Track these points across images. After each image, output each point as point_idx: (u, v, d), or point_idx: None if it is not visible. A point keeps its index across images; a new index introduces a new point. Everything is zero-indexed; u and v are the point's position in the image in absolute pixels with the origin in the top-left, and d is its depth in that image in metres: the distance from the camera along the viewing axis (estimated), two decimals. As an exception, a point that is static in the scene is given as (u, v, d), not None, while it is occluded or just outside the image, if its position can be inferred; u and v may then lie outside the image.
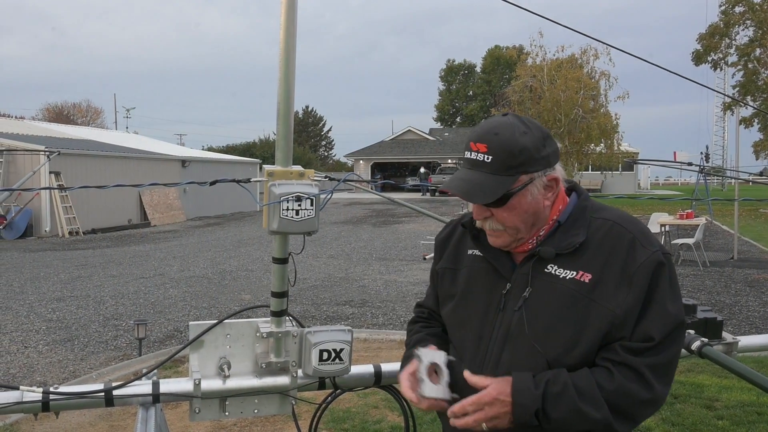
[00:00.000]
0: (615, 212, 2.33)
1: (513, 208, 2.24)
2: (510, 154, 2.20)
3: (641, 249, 2.19)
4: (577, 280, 2.20)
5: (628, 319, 2.15)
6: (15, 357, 10.08)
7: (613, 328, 2.16)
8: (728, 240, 23.51)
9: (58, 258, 21.77)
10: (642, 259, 2.17)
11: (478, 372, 2.28)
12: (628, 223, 2.27)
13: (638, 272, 2.16)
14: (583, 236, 2.25)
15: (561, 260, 2.25)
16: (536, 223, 2.30)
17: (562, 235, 2.28)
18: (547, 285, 2.24)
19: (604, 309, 2.16)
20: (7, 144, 29.60)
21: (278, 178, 2.43)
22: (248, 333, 2.82)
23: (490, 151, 2.22)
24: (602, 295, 2.17)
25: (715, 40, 45.82)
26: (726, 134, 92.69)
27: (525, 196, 2.23)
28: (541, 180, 2.25)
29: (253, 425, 7.03)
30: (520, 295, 2.28)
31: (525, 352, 2.24)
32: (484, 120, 2.41)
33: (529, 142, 2.21)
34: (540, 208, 2.27)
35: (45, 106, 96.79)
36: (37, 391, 2.61)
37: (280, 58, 2.32)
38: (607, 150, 47.22)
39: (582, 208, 2.34)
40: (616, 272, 2.17)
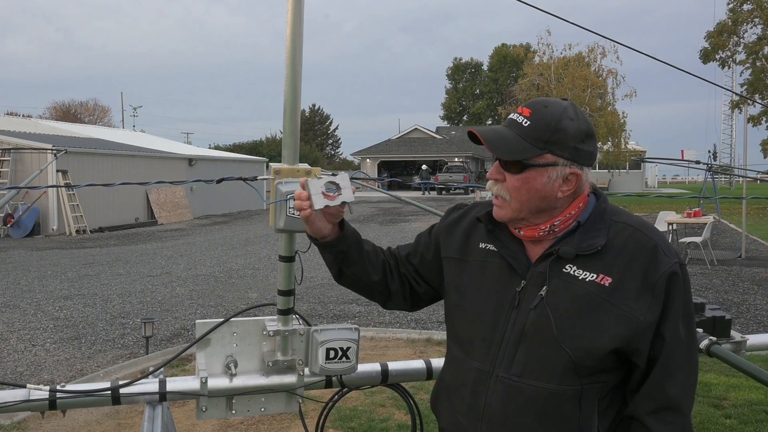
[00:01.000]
0: (634, 218, 2.31)
1: (526, 180, 2.21)
2: (547, 127, 2.19)
3: (664, 258, 2.17)
4: (597, 282, 2.17)
5: (649, 328, 2.14)
6: (22, 355, 10.09)
7: (635, 335, 2.14)
8: (736, 238, 23.46)
9: (65, 256, 21.80)
10: (665, 268, 2.16)
11: (489, 368, 2.27)
12: (649, 231, 2.25)
13: (660, 281, 2.14)
14: (603, 239, 2.22)
15: (580, 261, 2.22)
16: (545, 211, 2.26)
17: (582, 236, 2.25)
18: (566, 285, 2.21)
19: (627, 314, 2.14)
20: (15, 143, 29.63)
21: (285, 176, 2.42)
22: (255, 331, 2.82)
23: (531, 117, 2.21)
24: (623, 300, 2.14)
25: (723, 37, 45.65)
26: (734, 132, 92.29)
27: (542, 174, 2.21)
28: (564, 169, 2.21)
29: (260, 423, 7.03)
30: (536, 293, 2.23)
31: (543, 351, 2.20)
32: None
33: (570, 127, 2.20)
34: (551, 195, 2.23)
35: (52, 105, 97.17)
36: (44, 390, 2.62)
37: (286, 56, 2.32)
38: (614, 148, 47.16)
39: (601, 210, 2.31)
40: (637, 279, 2.15)
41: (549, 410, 2.19)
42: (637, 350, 2.16)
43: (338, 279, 2.57)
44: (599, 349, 2.15)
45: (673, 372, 2.16)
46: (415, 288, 2.63)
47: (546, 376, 2.19)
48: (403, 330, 11.00)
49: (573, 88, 43.66)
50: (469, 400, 2.34)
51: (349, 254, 2.46)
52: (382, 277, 2.57)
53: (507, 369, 2.25)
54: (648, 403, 2.17)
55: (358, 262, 2.50)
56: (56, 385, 2.65)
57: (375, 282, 2.56)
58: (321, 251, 2.46)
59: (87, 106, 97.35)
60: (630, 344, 2.15)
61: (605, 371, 2.20)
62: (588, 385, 2.19)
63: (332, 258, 2.47)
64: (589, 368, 2.17)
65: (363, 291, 2.62)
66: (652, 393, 2.17)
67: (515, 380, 2.22)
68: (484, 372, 2.30)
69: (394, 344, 10.35)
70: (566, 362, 2.17)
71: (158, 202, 36.28)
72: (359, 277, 2.54)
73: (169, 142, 52.00)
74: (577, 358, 2.15)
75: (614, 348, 2.15)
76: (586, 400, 2.19)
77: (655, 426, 2.15)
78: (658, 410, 2.16)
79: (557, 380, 2.18)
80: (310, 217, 2.28)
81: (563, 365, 2.17)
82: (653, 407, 2.16)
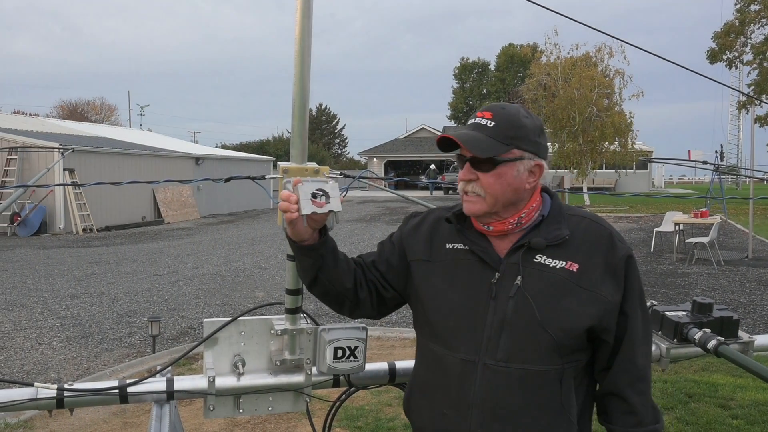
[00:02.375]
0: (585, 212, 2.56)
1: (499, 176, 2.38)
2: (511, 125, 2.38)
3: (620, 244, 2.44)
4: (567, 269, 2.38)
5: (616, 308, 2.39)
6: (29, 354, 10.11)
7: (605, 314, 2.37)
8: (743, 239, 23.44)
9: (72, 255, 21.84)
10: (622, 252, 2.42)
11: (474, 358, 2.40)
12: (602, 222, 2.51)
13: (620, 264, 2.40)
14: (567, 230, 2.44)
15: (549, 251, 2.41)
16: (514, 204, 2.44)
17: (547, 228, 2.45)
18: (539, 273, 2.39)
19: (596, 295, 2.36)
20: (22, 141, 29.69)
21: (293, 174, 2.42)
22: (262, 330, 2.82)
23: (494, 119, 2.40)
24: (590, 283, 2.37)
25: (730, 38, 45.53)
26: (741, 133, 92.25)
27: (512, 169, 2.39)
28: (530, 162, 2.41)
29: (267, 422, 7.03)
30: (512, 283, 2.38)
31: (527, 336, 2.35)
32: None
33: (529, 124, 2.41)
34: (521, 187, 2.42)
35: (59, 104, 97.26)
36: (51, 388, 2.61)
37: (295, 55, 2.32)
38: (621, 148, 47.04)
39: (558, 205, 2.53)
40: (599, 264, 2.39)
41: (535, 391, 2.36)
42: (606, 329, 2.39)
43: (311, 286, 2.58)
44: (578, 329, 2.35)
45: (637, 345, 2.42)
46: (383, 294, 2.67)
47: (531, 358, 2.35)
48: (410, 329, 10.97)
49: (580, 88, 43.48)
50: (457, 392, 2.43)
51: (326, 260, 2.48)
52: (353, 285, 2.59)
53: (492, 356, 2.38)
54: (624, 377, 2.42)
55: (333, 268, 2.51)
56: (63, 383, 2.65)
57: (347, 289, 2.58)
58: (298, 255, 2.48)
59: (94, 104, 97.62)
60: (601, 323, 2.37)
61: (580, 350, 2.41)
62: (567, 363, 2.38)
63: (310, 263, 2.47)
64: (569, 347, 2.36)
65: (333, 300, 2.63)
66: (626, 366, 2.42)
67: (502, 366, 2.36)
68: (469, 362, 2.41)
69: (400, 343, 10.36)
70: (549, 343, 2.34)
71: (165, 201, 36.33)
72: (333, 285, 2.55)
73: (176, 141, 52.05)
74: (559, 339, 2.33)
75: (588, 327, 2.36)
76: (565, 379, 2.38)
77: (631, 396, 2.41)
78: (633, 382, 2.42)
79: (541, 361, 2.35)
80: (296, 220, 2.30)
81: (546, 346, 2.34)
82: (628, 379, 2.42)
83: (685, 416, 7.02)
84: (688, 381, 8.18)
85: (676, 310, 3.19)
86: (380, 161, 73.57)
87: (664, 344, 3.10)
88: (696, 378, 8.30)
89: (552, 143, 46.04)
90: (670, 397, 7.59)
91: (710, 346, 2.91)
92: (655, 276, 16.19)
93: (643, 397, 2.41)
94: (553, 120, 44.68)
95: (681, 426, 6.80)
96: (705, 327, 3.04)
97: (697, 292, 14.29)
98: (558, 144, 45.58)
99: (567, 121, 43.94)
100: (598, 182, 59.71)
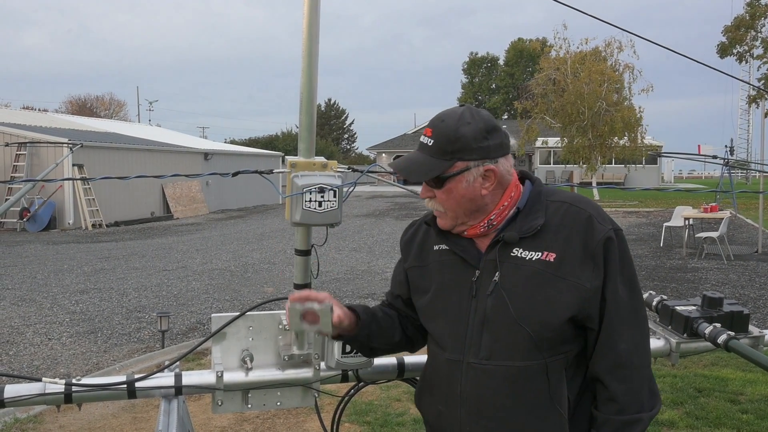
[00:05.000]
0: (568, 194, 2.48)
1: (450, 191, 2.40)
2: (447, 140, 2.36)
3: (599, 226, 2.35)
4: (543, 260, 2.34)
5: (596, 293, 2.32)
6: (38, 349, 10.13)
7: (584, 301, 2.32)
8: (752, 233, 23.37)
9: (81, 250, 21.88)
10: (600, 235, 2.33)
11: (460, 357, 2.43)
12: (582, 203, 2.43)
13: (598, 247, 2.32)
14: (542, 219, 2.39)
15: (525, 243, 2.38)
16: (479, 210, 2.44)
17: (522, 220, 2.41)
18: (515, 267, 2.37)
19: (574, 283, 2.31)
20: (31, 136, 29.72)
21: (301, 169, 2.42)
22: (271, 325, 2.82)
23: (433, 136, 2.40)
24: (569, 272, 2.32)
25: (740, 32, 45.36)
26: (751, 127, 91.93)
27: (460, 181, 2.38)
28: (478, 170, 2.38)
29: (276, 417, 7.03)
30: (490, 280, 2.39)
31: (505, 332, 2.36)
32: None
33: (468, 132, 2.35)
34: (477, 195, 2.40)
35: (68, 99, 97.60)
36: (60, 383, 2.61)
37: (303, 49, 2.32)
38: (630, 143, 46.93)
39: (537, 193, 2.48)
40: (578, 249, 2.33)
41: (520, 386, 2.36)
42: (589, 316, 2.34)
43: (370, 355, 2.83)
44: (555, 321, 2.32)
45: (618, 330, 2.35)
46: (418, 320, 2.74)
47: (511, 355, 2.36)
48: (418, 324, 10.97)
49: (589, 83, 43.39)
50: (447, 390, 2.49)
51: (371, 337, 2.64)
52: (401, 331, 2.74)
53: (476, 355, 2.41)
54: (601, 362, 2.37)
55: (379, 335, 2.66)
56: (72, 378, 2.65)
57: (398, 340, 2.74)
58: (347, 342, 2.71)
59: (103, 100, 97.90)
60: (582, 311, 2.33)
61: (565, 342, 2.37)
62: (551, 357, 2.35)
63: (359, 345, 2.69)
64: (549, 340, 2.34)
65: (394, 351, 2.82)
66: (604, 352, 2.36)
67: (485, 364, 2.39)
68: (455, 361, 2.46)
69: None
70: (527, 339, 2.33)
71: (174, 197, 36.39)
72: (386, 344, 2.72)
73: (184, 136, 52.12)
74: (536, 333, 2.32)
75: (568, 317, 2.32)
76: (553, 372, 2.36)
77: (611, 383, 2.35)
78: (612, 368, 2.35)
79: (522, 357, 2.35)
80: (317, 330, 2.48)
81: (525, 342, 2.33)
82: (607, 365, 2.36)
83: (695, 411, 7.01)
84: (698, 376, 8.17)
85: (686, 305, 3.17)
86: (389, 156, 73.48)
87: (674, 339, 3.09)
88: (706, 373, 8.28)
89: (561, 138, 46.05)
90: (679, 392, 7.57)
91: (720, 341, 2.89)
92: (665, 271, 16.13)
93: (625, 384, 2.34)
94: (562, 115, 44.64)
95: (690, 420, 6.78)
96: (715, 322, 3.02)
97: (706, 286, 14.25)
98: (567, 139, 45.53)
99: (576, 115, 43.86)
100: (607, 177, 59.55)
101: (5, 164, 29.70)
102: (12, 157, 29.44)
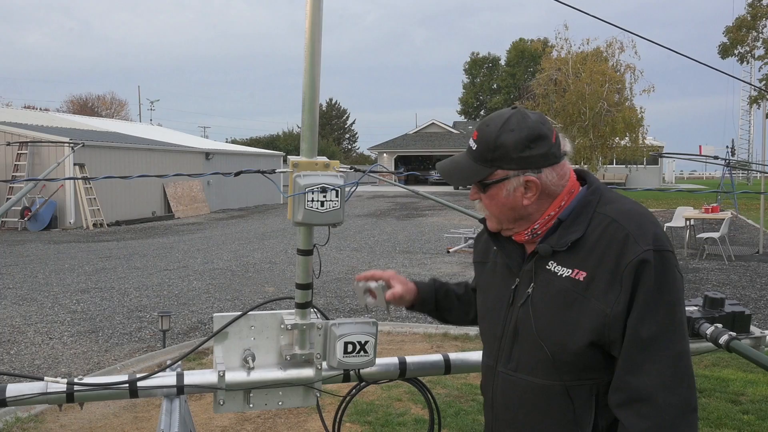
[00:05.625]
0: (618, 207, 2.31)
1: (492, 197, 2.36)
2: (488, 147, 2.31)
3: (634, 246, 2.16)
4: (573, 278, 2.23)
5: (618, 320, 2.15)
6: (40, 348, 10.14)
7: (605, 328, 2.16)
8: (753, 234, 23.38)
9: (82, 250, 21.89)
10: (632, 257, 2.14)
11: (493, 363, 2.48)
12: (625, 219, 2.23)
13: (628, 270, 2.14)
14: (579, 234, 2.27)
15: (559, 257, 2.29)
16: (522, 218, 2.37)
17: (562, 232, 2.31)
18: (548, 282, 2.30)
19: (597, 308, 2.17)
20: (32, 136, 29.76)
21: (303, 169, 2.41)
22: (273, 325, 2.81)
23: (477, 140, 2.35)
24: (595, 294, 2.18)
25: (742, 33, 45.39)
26: (752, 128, 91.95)
27: (501, 189, 2.32)
28: (518, 179, 2.29)
29: (277, 417, 7.04)
30: (525, 291, 2.36)
31: (529, 347, 2.33)
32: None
33: (509, 140, 2.27)
34: (518, 205, 2.33)
35: (69, 99, 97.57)
36: (61, 382, 2.61)
37: (305, 48, 2.31)
38: (631, 144, 46.89)
39: (585, 203, 2.34)
40: (608, 271, 2.18)
41: (540, 404, 2.31)
42: (612, 343, 2.18)
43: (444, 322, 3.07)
44: (573, 344, 2.21)
45: (639, 363, 2.15)
46: None
47: (533, 370, 2.32)
48: (419, 324, 10.99)
49: (591, 83, 43.34)
50: (485, 390, 2.56)
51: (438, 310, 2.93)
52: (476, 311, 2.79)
53: (506, 364, 2.41)
54: (616, 395, 2.20)
55: (449, 310, 2.93)
56: (73, 377, 2.65)
57: (473, 318, 2.86)
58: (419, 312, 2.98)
59: (104, 99, 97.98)
60: (603, 337, 2.18)
61: (589, 368, 2.24)
62: (574, 381, 2.26)
63: (427, 312, 2.96)
64: (569, 364, 2.24)
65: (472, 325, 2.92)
66: (618, 384, 2.19)
67: (512, 375, 2.39)
68: (490, 367, 2.50)
69: (410, 339, 10.36)
70: (545, 357, 2.27)
71: (175, 196, 36.39)
72: (460, 320, 2.96)
73: (186, 135, 52.15)
74: (553, 353, 2.25)
75: (587, 342, 2.20)
76: (578, 396, 2.25)
77: (625, 418, 2.16)
78: (629, 402, 2.16)
79: (542, 375, 2.30)
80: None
81: (544, 360, 2.28)
82: (621, 399, 2.18)
83: (696, 412, 7.00)
84: (699, 376, 8.16)
85: (688, 305, 3.16)
86: (390, 156, 73.53)
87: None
88: (707, 373, 8.27)
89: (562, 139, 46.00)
90: (680, 393, 7.56)
91: (722, 341, 2.88)
92: (666, 271, 16.07)
93: (644, 421, 2.12)
94: (563, 115, 44.56)
95: (692, 422, 6.77)
96: (716, 322, 3.02)
97: (708, 287, 14.25)
98: (568, 139, 45.49)
99: (577, 116, 43.81)
100: (608, 177, 59.53)
101: (6, 163, 29.70)
102: (13, 156, 29.45)
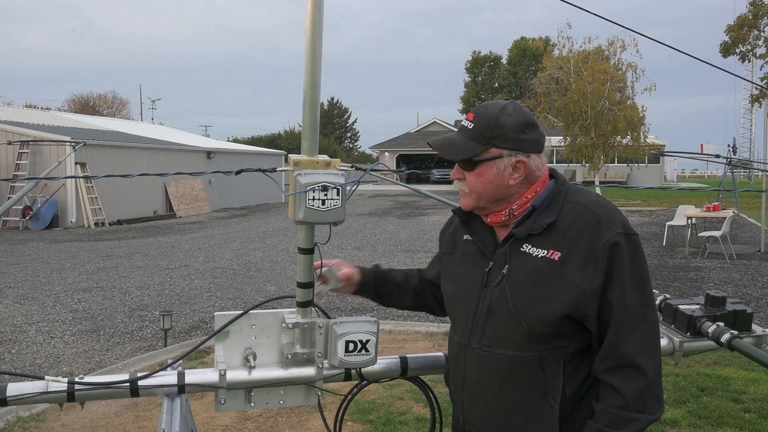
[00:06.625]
0: (590, 197, 2.55)
1: (480, 174, 2.53)
2: (487, 125, 2.50)
3: (607, 230, 2.40)
4: (548, 258, 2.44)
5: (593, 295, 2.37)
6: (41, 347, 10.14)
7: (580, 302, 2.37)
8: (755, 233, 23.36)
9: (83, 249, 21.90)
10: (606, 239, 2.38)
11: (466, 341, 2.63)
12: (597, 206, 2.48)
13: (602, 251, 2.37)
14: (552, 218, 2.48)
15: (534, 240, 2.49)
16: (503, 199, 2.56)
17: (536, 218, 2.51)
18: (523, 262, 2.49)
19: (573, 284, 2.38)
20: (34, 135, 29.81)
21: (304, 167, 2.41)
22: (274, 324, 2.81)
23: (474, 120, 2.54)
24: (570, 272, 2.39)
25: (743, 31, 45.32)
26: (753, 126, 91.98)
27: (492, 167, 2.51)
28: (510, 159, 2.50)
29: (279, 416, 7.03)
30: (500, 272, 2.53)
31: (505, 323, 2.49)
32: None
33: (508, 122, 2.49)
34: (504, 184, 2.52)
35: (71, 98, 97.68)
36: (62, 381, 2.61)
37: (306, 47, 2.31)
38: (633, 142, 46.82)
39: (557, 192, 2.56)
40: (583, 251, 2.39)
41: (514, 375, 2.49)
42: (586, 316, 2.40)
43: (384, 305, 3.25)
44: (549, 317, 2.41)
45: (625, 333, 2.38)
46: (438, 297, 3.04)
47: (508, 345, 2.49)
48: (421, 323, 10.99)
49: (592, 82, 43.25)
50: (455, 371, 2.71)
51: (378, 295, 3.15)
52: (414, 299, 3.15)
53: (479, 341, 2.58)
54: (604, 363, 2.41)
55: (386, 296, 3.15)
56: (74, 377, 2.64)
57: (410, 304, 3.17)
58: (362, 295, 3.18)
59: (105, 98, 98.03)
60: (578, 311, 2.39)
61: (562, 337, 2.45)
62: (546, 351, 2.45)
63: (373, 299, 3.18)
64: (545, 335, 2.44)
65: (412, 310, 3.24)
66: (607, 353, 2.40)
67: (485, 350, 2.55)
68: (462, 345, 2.65)
69: (412, 337, 10.35)
70: (523, 332, 2.45)
71: (177, 195, 36.41)
72: (396, 305, 3.21)
73: (187, 134, 52.16)
74: (531, 327, 2.43)
75: (563, 315, 2.40)
76: (548, 365, 2.45)
77: (616, 381, 2.37)
78: (616, 368, 2.38)
79: (517, 348, 2.47)
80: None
81: (521, 334, 2.46)
82: (609, 365, 2.39)
83: (698, 410, 7.00)
84: (701, 375, 8.16)
85: (689, 304, 3.16)
86: (392, 155, 73.50)
87: (677, 338, 3.08)
88: (708, 372, 8.27)
89: (564, 137, 45.95)
90: (682, 391, 7.57)
91: (724, 340, 2.88)
92: (668, 270, 16.11)
93: (632, 383, 2.35)
94: (565, 114, 44.49)
95: (693, 419, 6.78)
96: (718, 320, 3.02)
97: (709, 285, 14.24)
98: (570, 138, 45.44)
99: (579, 114, 43.73)
100: (610, 176, 59.44)
101: (8, 162, 29.72)
102: (15, 155, 29.46)
